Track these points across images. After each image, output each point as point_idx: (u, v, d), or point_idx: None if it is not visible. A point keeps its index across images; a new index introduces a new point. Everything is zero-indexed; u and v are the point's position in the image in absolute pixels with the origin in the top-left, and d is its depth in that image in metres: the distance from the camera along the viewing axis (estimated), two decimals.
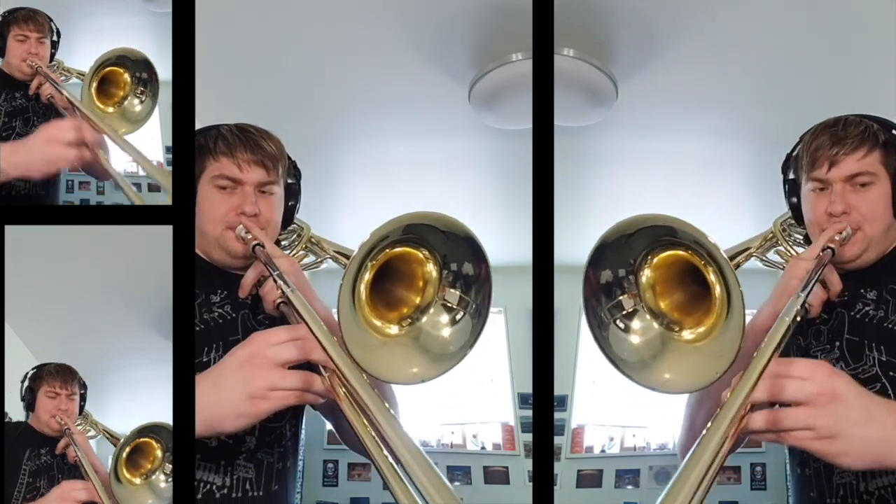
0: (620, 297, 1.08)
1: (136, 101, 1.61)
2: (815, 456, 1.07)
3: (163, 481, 1.51)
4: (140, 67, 1.60)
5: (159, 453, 1.51)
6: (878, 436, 0.90)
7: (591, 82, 1.88)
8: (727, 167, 2.45)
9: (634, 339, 1.08)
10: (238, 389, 0.95)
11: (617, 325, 1.07)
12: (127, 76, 1.60)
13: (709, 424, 0.89)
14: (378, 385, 0.98)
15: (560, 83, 1.65)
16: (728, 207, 2.62)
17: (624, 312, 1.08)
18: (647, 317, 1.08)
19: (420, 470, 0.82)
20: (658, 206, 1.07)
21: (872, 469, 0.97)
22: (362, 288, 1.04)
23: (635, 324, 1.08)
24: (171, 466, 1.50)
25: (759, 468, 3.29)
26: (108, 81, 1.60)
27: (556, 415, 3.24)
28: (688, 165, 2.41)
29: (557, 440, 3.29)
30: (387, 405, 0.91)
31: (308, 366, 0.99)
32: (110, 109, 1.60)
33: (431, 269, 1.07)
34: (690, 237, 1.02)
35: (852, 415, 0.89)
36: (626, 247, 1.06)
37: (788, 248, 1.33)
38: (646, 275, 1.08)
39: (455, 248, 1.04)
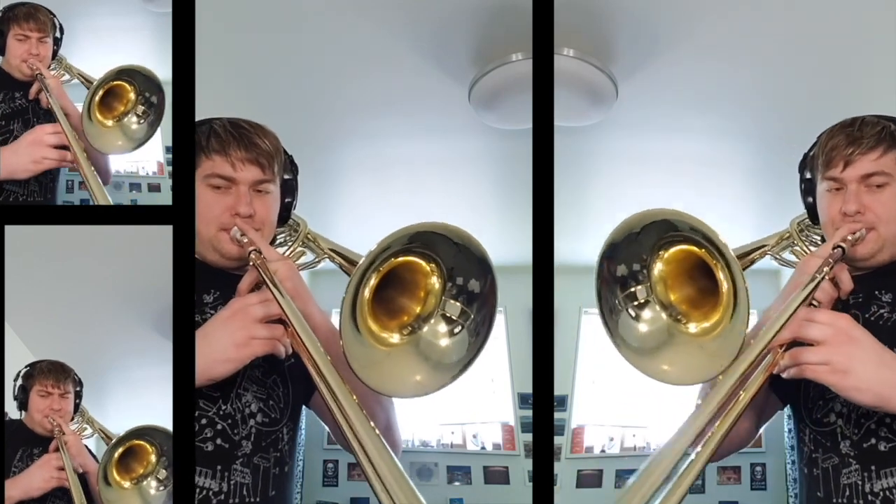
0: (634, 288, 1.12)
1: (135, 118, 1.55)
2: (823, 457, 1.18)
3: (153, 488, 1.49)
4: (152, 89, 1.54)
5: (153, 458, 1.49)
6: (887, 379, 1.00)
7: (591, 82, 1.87)
8: (728, 166, 2.44)
9: (643, 327, 1.12)
10: (225, 339, 1.10)
11: (629, 313, 1.12)
12: (132, 94, 1.55)
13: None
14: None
15: (560, 83, 1.65)
16: (729, 207, 2.62)
17: (636, 302, 1.12)
18: (657, 308, 1.13)
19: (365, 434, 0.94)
20: (658, 206, 1.08)
21: (876, 407, 1.03)
22: (366, 294, 1.04)
23: (645, 313, 1.13)
24: (165, 472, 1.47)
25: (759, 468, 3.28)
26: (113, 94, 1.55)
27: (556, 415, 3.24)
28: (688, 165, 2.40)
29: (557, 440, 3.29)
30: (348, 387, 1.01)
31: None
32: (109, 122, 1.55)
33: (435, 280, 1.07)
34: (695, 229, 1.07)
35: (865, 357, 1.00)
36: (636, 242, 1.10)
37: (805, 248, 1.32)
38: (658, 268, 1.12)
39: (464, 263, 1.05)
